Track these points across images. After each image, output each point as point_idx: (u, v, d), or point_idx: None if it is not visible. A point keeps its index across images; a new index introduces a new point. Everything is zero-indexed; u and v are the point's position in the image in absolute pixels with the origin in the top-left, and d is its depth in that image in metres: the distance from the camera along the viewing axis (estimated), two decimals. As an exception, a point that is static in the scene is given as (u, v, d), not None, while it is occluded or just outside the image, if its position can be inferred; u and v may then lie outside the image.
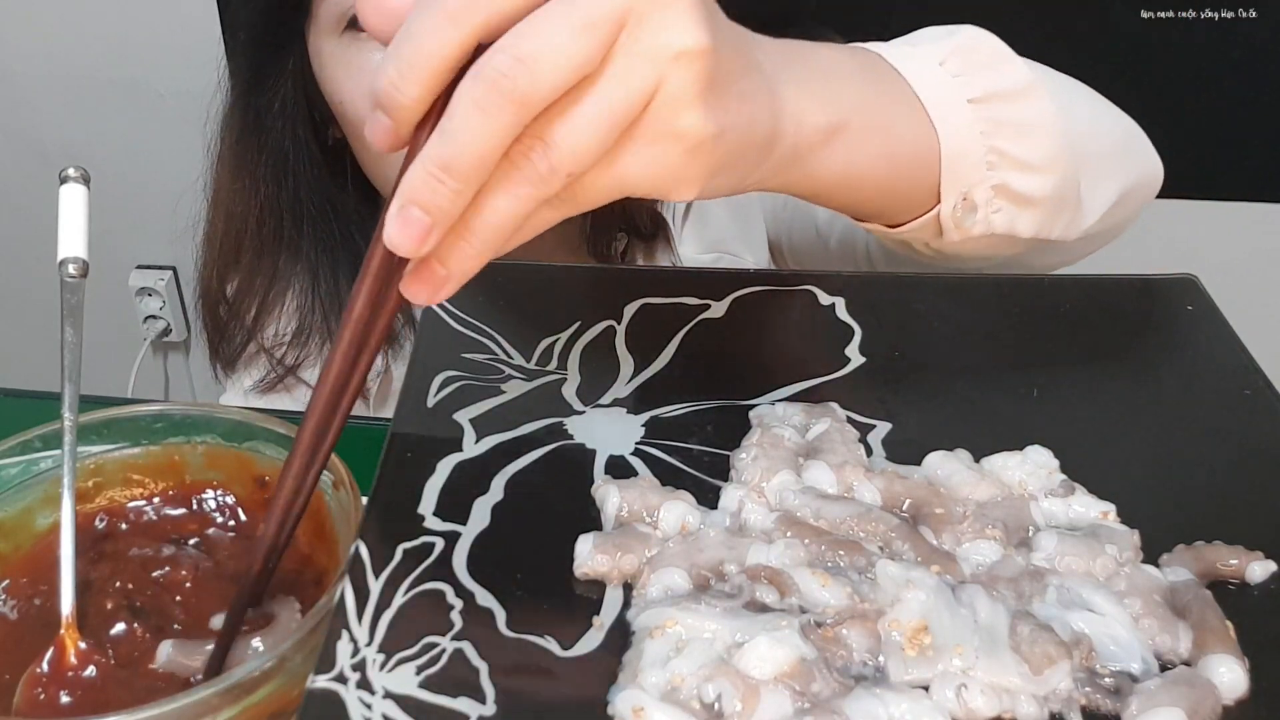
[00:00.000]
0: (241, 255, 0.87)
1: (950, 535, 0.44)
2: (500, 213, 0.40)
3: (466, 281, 0.42)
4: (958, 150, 0.58)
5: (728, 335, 0.56)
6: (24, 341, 1.84)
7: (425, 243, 0.39)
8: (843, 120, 0.53)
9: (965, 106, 0.59)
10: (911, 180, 0.59)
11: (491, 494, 0.47)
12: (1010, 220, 0.61)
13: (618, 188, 0.42)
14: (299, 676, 0.45)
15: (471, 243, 0.40)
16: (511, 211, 0.40)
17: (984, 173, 0.59)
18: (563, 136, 0.39)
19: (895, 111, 0.57)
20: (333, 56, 0.76)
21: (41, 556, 0.54)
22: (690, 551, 0.43)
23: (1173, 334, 0.56)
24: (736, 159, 0.46)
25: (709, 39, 0.41)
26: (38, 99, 1.66)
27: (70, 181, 0.51)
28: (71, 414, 0.50)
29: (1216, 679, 0.38)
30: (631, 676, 0.38)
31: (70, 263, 0.50)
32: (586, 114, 0.39)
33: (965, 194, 0.60)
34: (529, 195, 0.40)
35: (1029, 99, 0.60)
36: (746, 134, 0.46)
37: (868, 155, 0.55)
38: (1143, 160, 0.70)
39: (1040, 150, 0.60)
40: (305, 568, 0.53)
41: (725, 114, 0.43)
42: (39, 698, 0.47)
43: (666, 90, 0.40)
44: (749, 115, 0.46)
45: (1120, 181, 0.67)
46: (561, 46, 0.38)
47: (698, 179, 0.44)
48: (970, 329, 0.56)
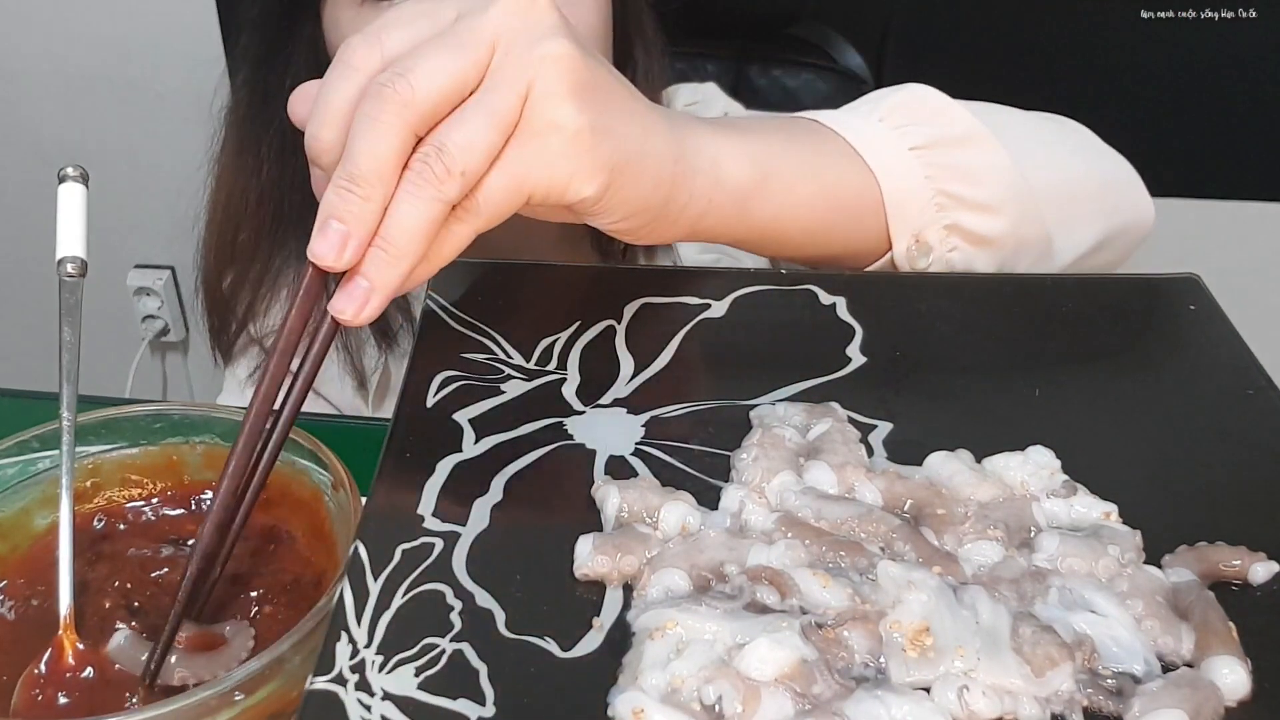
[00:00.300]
0: (239, 237, 0.87)
1: (952, 536, 0.44)
2: (408, 218, 0.44)
3: (389, 298, 0.45)
4: (902, 194, 0.60)
5: (728, 335, 0.56)
6: (23, 341, 1.84)
7: (344, 251, 0.44)
8: (767, 167, 0.56)
9: (907, 154, 0.61)
10: (856, 225, 0.60)
11: (491, 494, 0.47)
12: (968, 259, 0.62)
13: (516, 188, 0.46)
14: (298, 678, 0.44)
15: (388, 250, 0.44)
16: (418, 215, 0.44)
17: (934, 214, 0.61)
18: (452, 139, 0.44)
19: (825, 161, 0.60)
20: (352, 26, 0.75)
21: (39, 557, 0.54)
22: (691, 552, 0.43)
23: (1175, 334, 0.56)
24: (637, 167, 0.50)
25: (573, 47, 0.46)
26: (38, 99, 1.66)
27: (69, 180, 0.51)
28: (69, 414, 0.50)
29: (1219, 680, 0.38)
30: (631, 678, 0.38)
31: (68, 262, 0.50)
32: (470, 116, 0.45)
33: (917, 235, 0.61)
34: (431, 196, 0.44)
35: (974, 144, 0.62)
36: (641, 143, 0.50)
37: (801, 202, 0.58)
38: (1129, 204, 0.70)
39: (990, 191, 0.61)
40: (304, 569, 0.53)
41: (602, 113, 0.47)
42: (37, 699, 0.46)
43: (538, 88, 0.45)
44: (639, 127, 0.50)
45: (1101, 225, 0.67)
46: (437, 60, 0.44)
47: (590, 172, 0.47)
48: (972, 329, 0.56)
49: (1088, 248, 0.67)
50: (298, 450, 0.54)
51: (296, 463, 0.54)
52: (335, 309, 0.45)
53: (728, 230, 0.57)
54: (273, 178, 0.85)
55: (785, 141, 0.59)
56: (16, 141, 1.69)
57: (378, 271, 0.44)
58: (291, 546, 0.54)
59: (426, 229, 0.44)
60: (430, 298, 0.57)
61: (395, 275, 0.44)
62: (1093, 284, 0.58)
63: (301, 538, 0.54)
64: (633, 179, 0.50)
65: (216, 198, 0.88)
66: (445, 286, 0.58)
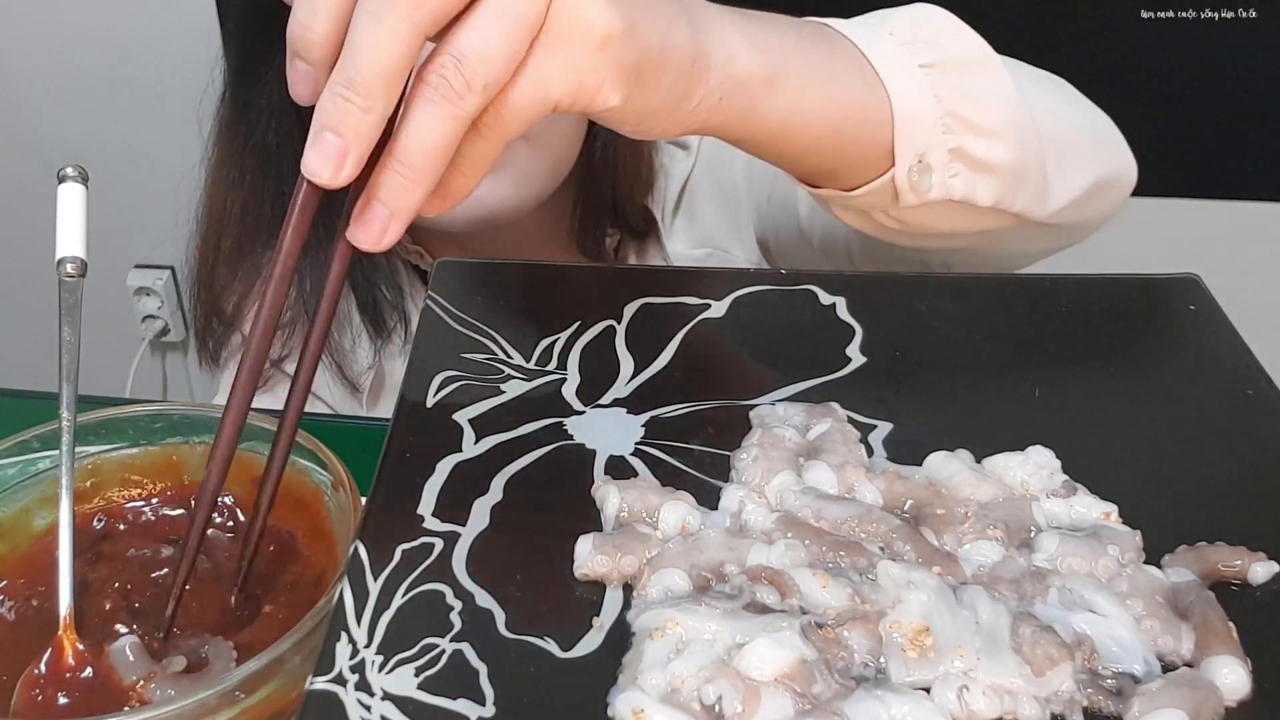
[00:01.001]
0: (222, 245, 0.88)
1: (951, 536, 0.44)
2: (425, 135, 0.40)
3: (408, 223, 0.42)
4: (911, 111, 0.58)
5: (728, 335, 0.56)
6: (22, 341, 1.84)
7: (342, 167, 0.40)
8: (780, 65, 0.53)
9: (917, 71, 0.58)
10: (862, 138, 0.58)
11: (491, 494, 0.47)
12: (969, 186, 0.60)
13: (540, 98, 0.42)
14: (298, 678, 0.44)
15: (404, 173, 0.40)
16: (436, 132, 0.40)
17: (939, 135, 0.59)
18: (470, 46, 0.40)
19: (839, 67, 0.57)
20: None
21: (39, 557, 0.54)
22: (690, 552, 0.43)
23: (1175, 334, 0.56)
24: (658, 70, 0.46)
25: None
26: (37, 99, 1.66)
27: (69, 180, 0.51)
28: (69, 413, 0.50)
29: (1219, 680, 0.38)
30: (631, 678, 0.38)
31: (68, 262, 0.50)
32: (489, 21, 0.40)
33: (920, 156, 0.59)
34: (449, 113, 0.40)
35: (983, 69, 0.60)
36: (663, 42, 0.46)
37: (811, 105, 0.55)
38: (1114, 154, 0.69)
39: (997, 118, 0.60)
40: (304, 569, 0.53)
41: (632, 11, 0.43)
42: (36, 699, 0.46)
43: None
44: (663, 24, 0.46)
45: (1091, 172, 0.67)
46: None
47: (617, 79, 0.44)
48: (972, 329, 0.56)
49: (1079, 194, 0.66)
50: (298, 450, 0.54)
51: (296, 463, 0.54)
52: (355, 238, 0.42)
53: (736, 126, 0.54)
54: (254, 187, 0.85)
55: (799, 41, 0.56)
56: (16, 141, 1.69)
57: (395, 196, 0.41)
58: (291, 546, 0.54)
59: (445, 148, 0.41)
60: (430, 298, 0.57)
61: (415, 199, 0.41)
62: (1093, 284, 0.58)
63: (301, 538, 0.54)
64: (653, 83, 0.46)
65: (204, 205, 0.89)
66: (445, 286, 0.58)
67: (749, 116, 0.53)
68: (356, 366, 0.88)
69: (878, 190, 0.60)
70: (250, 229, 0.87)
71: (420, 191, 0.41)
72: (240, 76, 0.84)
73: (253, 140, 0.84)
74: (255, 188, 0.85)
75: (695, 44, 0.49)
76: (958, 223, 0.63)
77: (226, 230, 0.87)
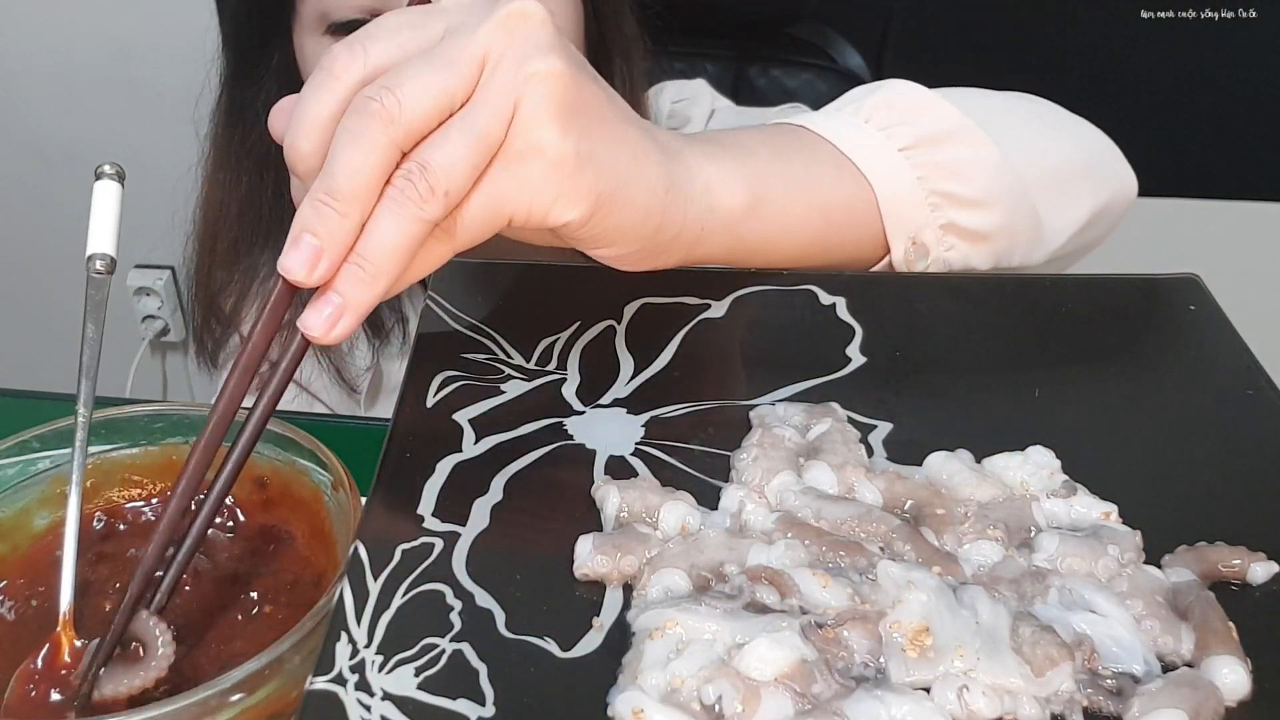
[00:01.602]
0: (219, 246, 0.88)
1: (951, 536, 0.44)
2: (387, 236, 0.42)
3: (361, 318, 0.43)
4: (896, 197, 0.60)
5: (728, 335, 0.56)
6: (22, 341, 1.84)
7: (316, 267, 0.42)
8: (760, 189, 0.55)
9: (896, 155, 0.60)
10: (852, 233, 0.60)
11: (491, 494, 0.47)
12: (964, 257, 0.62)
13: (495, 210, 0.45)
14: (298, 678, 0.44)
15: (364, 268, 0.42)
16: (398, 234, 0.42)
17: (928, 214, 0.61)
18: (435, 157, 0.43)
19: (819, 172, 0.59)
20: (314, 56, 0.77)
21: (39, 557, 0.54)
22: (690, 552, 0.43)
23: (1175, 334, 0.56)
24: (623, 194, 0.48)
25: (563, 65, 0.45)
26: (38, 99, 1.66)
27: (105, 178, 0.51)
28: (86, 409, 0.50)
29: (1219, 680, 0.38)
30: (631, 678, 0.38)
31: (98, 259, 0.50)
32: (454, 136, 0.43)
33: (913, 237, 0.61)
34: (413, 216, 0.42)
35: (961, 139, 0.61)
36: (627, 170, 0.48)
37: (797, 219, 0.58)
38: (1110, 177, 0.70)
39: (981, 186, 0.61)
40: (304, 569, 0.53)
41: (588, 138, 0.46)
42: (30, 694, 0.46)
43: (523, 108, 0.44)
44: (628, 154, 0.48)
45: (1089, 202, 0.67)
46: (423, 76, 0.43)
47: (571, 198, 0.46)
48: (972, 329, 0.56)
49: (1078, 226, 0.67)
50: (298, 450, 0.54)
51: (297, 463, 0.54)
52: (305, 325, 0.43)
53: (722, 255, 0.56)
54: (251, 189, 0.86)
55: (774, 157, 0.58)
56: (16, 141, 1.69)
57: (353, 289, 0.42)
58: (291, 546, 0.54)
59: (407, 248, 0.43)
60: (430, 298, 0.57)
61: (371, 295, 0.43)
62: (1093, 284, 0.58)
63: (301, 538, 0.54)
64: (620, 207, 0.48)
65: (201, 207, 0.90)
66: (445, 286, 0.58)
67: (735, 244, 0.56)
68: (354, 368, 0.88)
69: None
70: (247, 230, 0.87)
71: (378, 288, 0.43)
72: (237, 79, 0.84)
73: (250, 142, 0.84)
74: (252, 189, 0.86)
75: (668, 174, 0.51)
76: None
77: (223, 232, 0.88)
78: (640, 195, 0.49)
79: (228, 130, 0.86)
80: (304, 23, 0.77)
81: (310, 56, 0.78)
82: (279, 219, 0.86)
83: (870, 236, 0.61)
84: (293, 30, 0.79)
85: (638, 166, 0.49)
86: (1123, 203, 0.70)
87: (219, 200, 0.87)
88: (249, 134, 0.84)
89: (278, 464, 0.55)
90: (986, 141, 0.62)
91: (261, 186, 0.85)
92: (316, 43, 0.77)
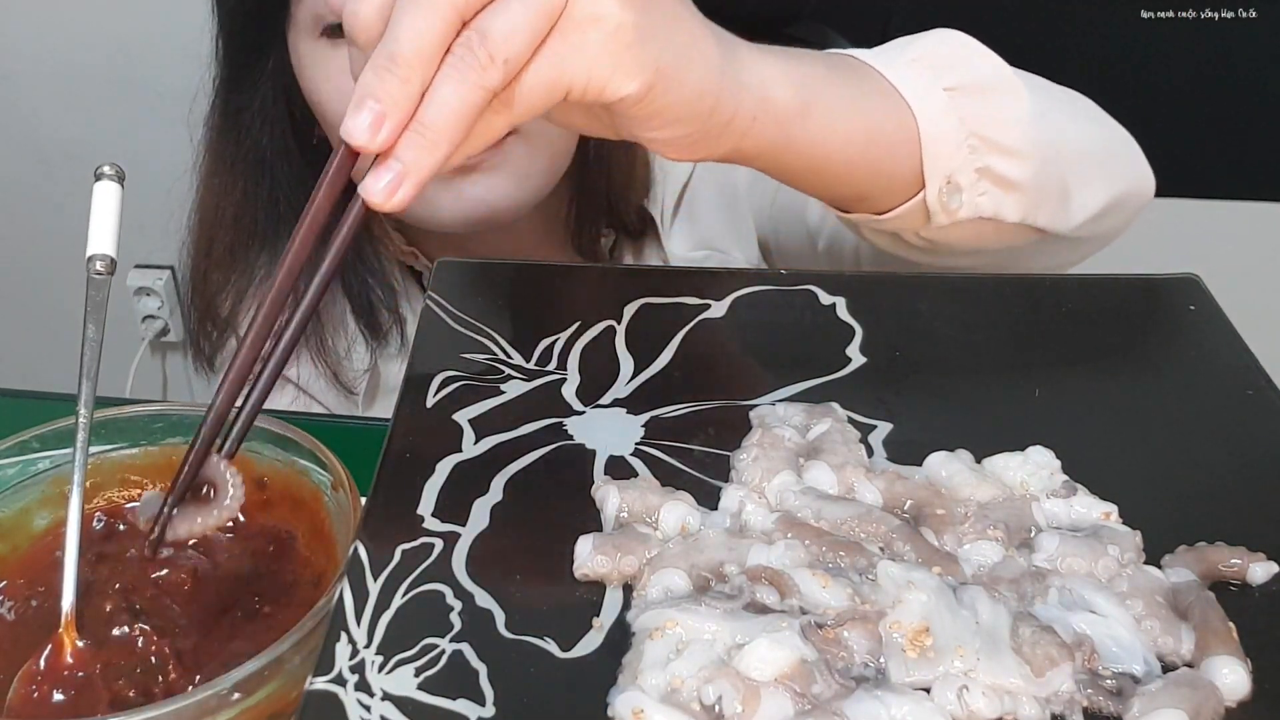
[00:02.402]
0: (215, 250, 0.88)
1: (951, 536, 0.44)
2: (447, 102, 0.43)
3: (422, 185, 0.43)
4: (937, 134, 0.60)
5: (728, 335, 0.56)
6: (22, 341, 1.84)
7: (379, 131, 0.42)
8: (811, 94, 0.56)
9: (941, 94, 0.60)
10: (891, 162, 0.60)
11: (491, 494, 0.47)
12: (996, 204, 0.62)
13: (554, 81, 0.45)
14: (297, 678, 0.44)
15: (424, 134, 0.43)
16: (458, 100, 0.43)
17: (966, 156, 0.61)
18: (495, 26, 0.43)
19: (867, 95, 0.60)
20: (310, 58, 0.77)
21: (39, 557, 0.54)
22: (690, 552, 0.43)
23: (1175, 334, 0.56)
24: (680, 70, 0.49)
25: None
26: (38, 99, 1.66)
27: (105, 179, 0.51)
28: (87, 410, 0.50)
29: (1219, 680, 0.38)
30: (631, 678, 0.38)
31: (98, 259, 0.50)
32: (514, 4, 0.44)
33: (949, 176, 0.61)
34: (473, 82, 0.43)
35: (1003, 90, 0.62)
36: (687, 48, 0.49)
37: (842, 132, 0.58)
38: (1133, 169, 0.71)
39: (1018, 137, 0.61)
40: (304, 569, 0.53)
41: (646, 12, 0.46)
42: (33, 695, 0.46)
43: None
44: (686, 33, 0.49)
45: (1109, 188, 0.68)
46: None
47: (630, 69, 0.47)
48: (972, 329, 0.56)
49: (1098, 209, 0.67)
50: (298, 450, 0.54)
51: (297, 463, 0.54)
52: (365, 191, 0.43)
53: (770, 152, 0.56)
54: (246, 193, 0.85)
55: (828, 71, 0.58)
56: (16, 141, 1.69)
57: (414, 155, 0.43)
58: (291, 546, 0.54)
59: (467, 115, 0.43)
60: (430, 298, 0.57)
61: (431, 161, 0.43)
62: (1093, 284, 0.58)
63: (301, 538, 0.54)
64: (676, 84, 0.48)
65: (197, 212, 0.90)
66: (445, 286, 0.58)
67: (783, 143, 0.56)
68: (351, 371, 0.88)
69: (910, 212, 0.62)
70: (243, 234, 0.87)
71: (439, 155, 0.43)
72: (232, 84, 0.84)
73: (245, 146, 0.84)
74: (247, 193, 0.86)
75: (722, 59, 0.51)
76: (984, 241, 0.65)
77: (219, 236, 0.88)
78: (697, 74, 0.49)
79: (223, 135, 0.86)
80: (299, 26, 0.77)
81: (306, 59, 0.77)
82: (274, 223, 0.86)
83: (909, 169, 0.60)
84: (287, 34, 0.79)
85: (695, 45, 0.50)
86: (1139, 198, 0.71)
87: (214, 205, 0.87)
88: (244, 139, 0.84)
89: (278, 464, 0.55)
90: (1026, 96, 0.62)
91: (257, 191, 0.85)
92: (312, 46, 0.76)
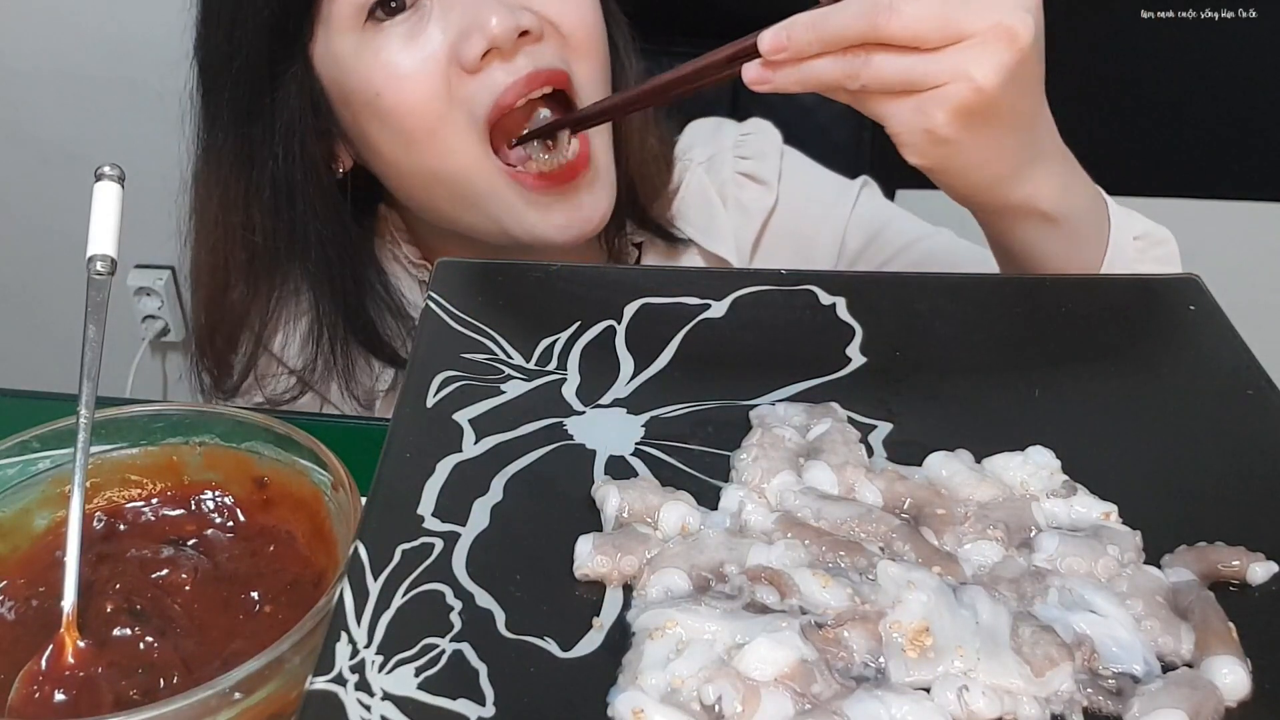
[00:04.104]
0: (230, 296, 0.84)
1: (951, 536, 0.44)
2: (819, 70, 0.59)
3: (779, 90, 0.61)
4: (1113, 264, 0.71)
5: (728, 335, 0.56)
6: (22, 341, 1.84)
7: (776, 52, 0.59)
8: (1061, 215, 0.66)
9: (1131, 241, 0.72)
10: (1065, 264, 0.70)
11: (491, 494, 0.47)
12: None
13: (871, 115, 0.61)
14: (298, 678, 0.44)
15: (797, 71, 0.60)
16: (825, 73, 0.59)
17: None
18: (878, 66, 0.58)
19: (1094, 223, 0.70)
20: (356, 52, 0.75)
21: (39, 557, 0.54)
22: (690, 552, 0.43)
23: (1175, 334, 0.56)
24: (1008, 126, 0.61)
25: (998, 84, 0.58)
26: (38, 99, 1.66)
27: (105, 179, 0.51)
28: (88, 411, 0.50)
29: (1219, 680, 0.38)
30: (631, 678, 0.38)
31: (99, 260, 0.50)
32: (900, 66, 0.58)
33: None
34: (840, 73, 0.59)
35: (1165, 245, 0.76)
36: (988, 162, 0.62)
37: (1049, 246, 0.68)
38: None
39: None
40: (304, 569, 0.53)
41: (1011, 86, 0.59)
42: (35, 695, 0.46)
43: (947, 90, 0.58)
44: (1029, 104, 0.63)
45: None
46: (917, 17, 0.57)
47: (935, 146, 0.60)
48: (972, 329, 0.56)
49: None
50: (298, 450, 0.54)
51: (297, 463, 0.54)
52: (748, 72, 0.61)
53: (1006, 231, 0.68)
54: (266, 230, 0.81)
55: (1090, 199, 0.70)
56: (16, 141, 1.69)
57: (782, 76, 0.60)
58: (291, 546, 0.54)
59: (825, 85, 0.60)
60: (430, 298, 0.57)
61: (788, 85, 0.60)
62: (1093, 284, 0.58)
63: (301, 538, 0.54)
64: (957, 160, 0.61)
65: (201, 259, 0.85)
66: (445, 286, 0.58)
67: (997, 228, 0.69)
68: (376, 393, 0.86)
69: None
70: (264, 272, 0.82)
71: (794, 86, 0.60)
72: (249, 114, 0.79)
73: (266, 176, 0.79)
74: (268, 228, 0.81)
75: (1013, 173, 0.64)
76: None
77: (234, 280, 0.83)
78: (1012, 134, 0.62)
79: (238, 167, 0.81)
80: (335, 25, 0.74)
81: (351, 52, 0.74)
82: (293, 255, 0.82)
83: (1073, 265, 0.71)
84: (310, 47, 0.76)
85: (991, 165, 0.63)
86: None
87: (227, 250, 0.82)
88: (265, 167, 0.79)
89: (278, 464, 0.55)
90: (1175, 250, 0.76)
91: (278, 223, 0.81)
92: (357, 37, 0.74)
